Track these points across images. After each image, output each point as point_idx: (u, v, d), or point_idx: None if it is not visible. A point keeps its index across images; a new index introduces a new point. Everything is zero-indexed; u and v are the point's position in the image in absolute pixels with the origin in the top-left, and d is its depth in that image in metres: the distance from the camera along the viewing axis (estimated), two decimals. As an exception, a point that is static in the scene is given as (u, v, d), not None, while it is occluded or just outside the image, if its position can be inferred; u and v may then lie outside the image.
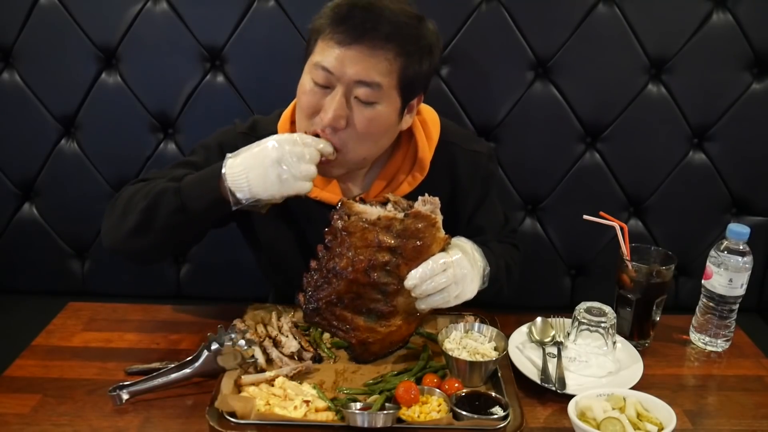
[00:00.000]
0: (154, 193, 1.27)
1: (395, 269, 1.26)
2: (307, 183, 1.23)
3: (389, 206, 1.26)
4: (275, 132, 1.39)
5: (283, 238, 1.49)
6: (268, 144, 1.22)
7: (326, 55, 1.23)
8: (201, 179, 1.27)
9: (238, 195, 1.22)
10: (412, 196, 1.32)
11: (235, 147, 1.28)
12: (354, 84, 1.24)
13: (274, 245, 1.51)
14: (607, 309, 1.38)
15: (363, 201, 1.28)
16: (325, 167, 1.29)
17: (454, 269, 1.25)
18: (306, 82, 1.29)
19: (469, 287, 1.29)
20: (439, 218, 1.25)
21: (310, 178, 1.23)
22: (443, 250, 1.28)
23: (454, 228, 1.36)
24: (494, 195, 1.57)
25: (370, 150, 1.32)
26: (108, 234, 1.37)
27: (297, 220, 1.46)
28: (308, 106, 1.28)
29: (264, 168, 1.20)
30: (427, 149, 1.40)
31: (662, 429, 1.14)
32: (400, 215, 1.24)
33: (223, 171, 1.23)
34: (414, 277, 1.24)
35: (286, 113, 1.44)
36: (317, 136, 1.28)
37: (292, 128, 1.39)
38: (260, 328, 1.42)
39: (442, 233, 1.26)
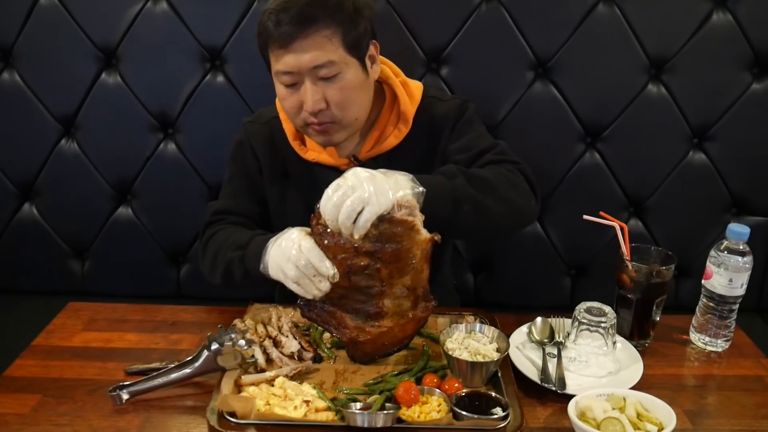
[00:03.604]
0: (227, 260, 1.42)
1: (376, 272, 1.23)
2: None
3: None
4: (276, 115, 1.57)
5: (291, 205, 1.57)
6: (289, 273, 1.25)
7: (280, 61, 1.37)
8: (255, 254, 1.33)
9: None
10: (399, 149, 1.51)
11: (243, 142, 1.59)
12: (313, 70, 1.36)
13: (283, 216, 1.56)
14: (607, 309, 1.38)
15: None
16: (328, 137, 1.44)
17: (346, 181, 1.18)
18: (279, 89, 1.44)
19: (381, 187, 1.16)
20: (418, 219, 1.20)
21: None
22: (425, 249, 1.23)
23: (433, 167, 1.43)
24: (469, 125, 1.53)
25: (358, 110, 1.45)
26: (207, 276, 1.53)
27: (301, 185, 1.57)
28: (291, 106, 1.42)
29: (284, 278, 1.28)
30: (409, 105, 1.52)
31: (662, 429, 1.14)
32: (375, 221, 1.19)
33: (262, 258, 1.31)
34: (329, 219, 1.19)
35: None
36: (314, 125, 1.41)
37: None
38: (260, 328, 1.42)
39: (422, 235, 1.21)
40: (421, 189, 1.21)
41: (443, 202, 1.27)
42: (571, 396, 1.20)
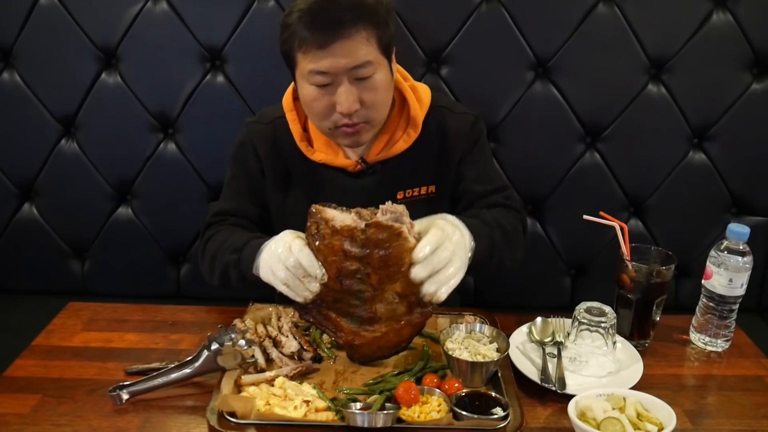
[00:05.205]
0: (224, 263, 1.43)
1: (366, 278, 1.23)
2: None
3: (353, 215, 1.21)
4: (281, 115, 1.54)
5: (293, 207, 1.56)
6: (279, 274, 1.26)
7: (315, 61, 1.34)
8: (250, 257, 1.34)
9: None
10: (408, 153, 1.51)
11: (245, 143, 1.56)
12: (351, 71, 1.35)
13: (285, 218, 1.56)
14: (607, 309, 1.38)
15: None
16: (357, 138, 1.44)
17: (450, 238, 1.21)
18: (308, 90, 1.39)
19: (463, 258, 1.23)
20: (405, 227, 1.19)
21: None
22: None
23: (443, 182, 1.52)
24: (483, 151, 1.59)
25: (385, 109, 1.46)
26: (206, 278, 1.54)
27: (304, 187, 1.56)
28: (322, 108, 1.40)
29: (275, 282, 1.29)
30: (419, 109, 1.52)
31: (662, 429, 1.14)
32: (361, 226, 1.19)
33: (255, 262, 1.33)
34: (423, 251, 1.19)
35: (288, 94, 1.54)
36: (345, 126, 1.40)
37: (296, 104, 1.52)
38: (260, 328, 1.42)
39: (411, 242, 1.19)
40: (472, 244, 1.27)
41: (484, 254, 1.33)
42: (571, 396, 1.20)
